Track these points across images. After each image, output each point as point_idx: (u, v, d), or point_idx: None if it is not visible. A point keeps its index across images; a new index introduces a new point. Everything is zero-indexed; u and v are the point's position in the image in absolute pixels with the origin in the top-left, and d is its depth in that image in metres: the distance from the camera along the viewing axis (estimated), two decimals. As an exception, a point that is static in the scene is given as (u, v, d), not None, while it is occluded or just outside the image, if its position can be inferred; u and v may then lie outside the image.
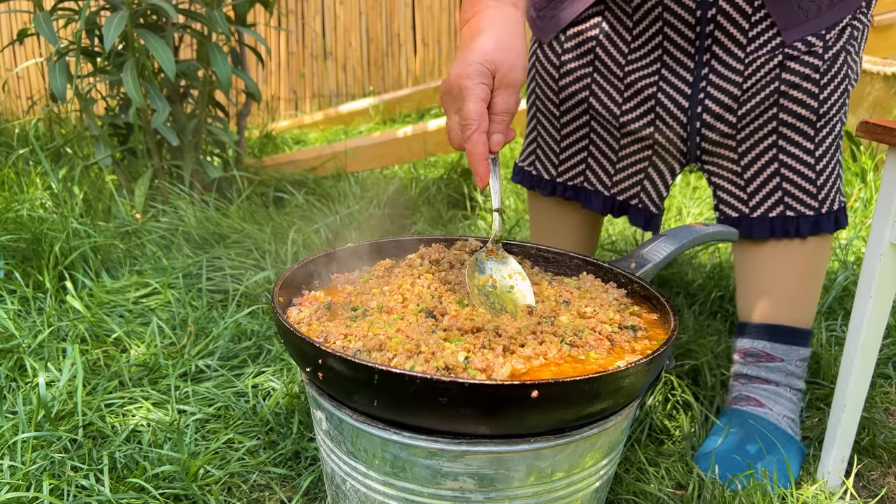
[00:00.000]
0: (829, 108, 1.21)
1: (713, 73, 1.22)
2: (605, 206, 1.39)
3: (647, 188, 1.35)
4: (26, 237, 1.69)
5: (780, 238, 1.27)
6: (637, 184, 1.35)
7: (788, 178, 1.24)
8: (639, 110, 1.28)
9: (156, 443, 1.17)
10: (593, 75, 1.30)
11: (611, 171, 1.36)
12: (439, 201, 2.33)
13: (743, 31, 1.19)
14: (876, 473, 1.23)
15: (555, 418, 0.79)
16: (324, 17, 3.91)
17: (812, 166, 1.23)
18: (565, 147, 1.39)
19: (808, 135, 1.22)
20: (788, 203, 1.25)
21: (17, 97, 3.32)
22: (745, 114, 1.22)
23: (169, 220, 1.92)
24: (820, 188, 1.24)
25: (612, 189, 1.37)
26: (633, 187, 1.36)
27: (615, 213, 1.39)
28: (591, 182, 1.39)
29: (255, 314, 1.56)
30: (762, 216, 1.27)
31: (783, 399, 1.28)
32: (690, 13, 1.18)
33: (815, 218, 1.26)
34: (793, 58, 1.18)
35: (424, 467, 0.82)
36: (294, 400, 1.29)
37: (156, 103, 1.92)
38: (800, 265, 1.28)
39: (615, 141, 1.33)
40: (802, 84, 1.19)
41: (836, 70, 1.20)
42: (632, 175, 1.35)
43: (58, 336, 1.45)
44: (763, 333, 1.30)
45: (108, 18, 1.80)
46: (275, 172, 2.46)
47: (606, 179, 1.37)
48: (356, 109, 3.69)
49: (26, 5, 2.99)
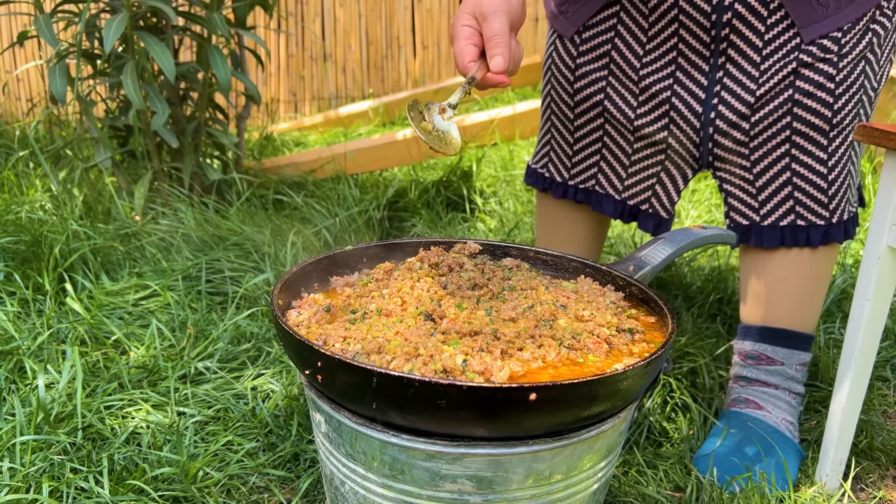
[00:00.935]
0: (843, 118, 1.20)
1: (728, 77, 1.21)
2: (617, 211, 1.38)
3: (659, 193, 1.35)
4: (26, 239, 1.70)
5: (790, 247, 1.27)
6: (649, 188, 1.35)
7: (800, 187, 1.23)
8: (653, 114, 1.28)
9: (155, 445, 1.17)
10: (608, 78, 1.30)
11: (623, 175, 1.36)
12: (438, 203, 2.33)
13: (759, 34, 1.18)
14: (874, 476, 1.24)
15: (553, 421, 0.79)
16: (323, 20, 3.92)
17: (824, 175, 1.22)
18: (578, 150, 1.39)
19: (820, 144, 1.22)
20: (799, 212, 1.24)
21: (18, 99, 3.32)
22: (758, 121, 1.21)
23: (168, 223, 1.92)
24: (832, 197, 1.24)
25: (623, 193, 1.37)
26: (645, 192, 1.36)
27: (625, 218, 1.39)
28: (602, 186, 1.38)
29: (254, 316, 1.56)
30: (773, 224, 1.26)
31: (782, 402, 1.28)
32: (705, 16, 1.18)
33: (825, 227, 1.25)
34: (807, 65, 1.18)
35: (423, 469, 0.83)
36: (293, 402, 1.29)
37: (155, 105, 1.92)
38: (806, 272, 1.27)
39: (628, 145, 1.33)
40: (816, 93, 1.19)
41: (852, 79, 1.19)
42: (644, 180, 1.35)
43: (57, 338, 1.45)
44: (764, 336, 1.30)
45: (108, 21, 1.80)
46: (274, 175, 2.46)
47: (618, 183, 1.37)
48: (356, 112, 3.70)
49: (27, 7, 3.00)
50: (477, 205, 2.35)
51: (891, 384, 1.48)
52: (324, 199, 2.22)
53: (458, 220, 2.24)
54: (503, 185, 2.52)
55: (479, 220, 2.25)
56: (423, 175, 2.54)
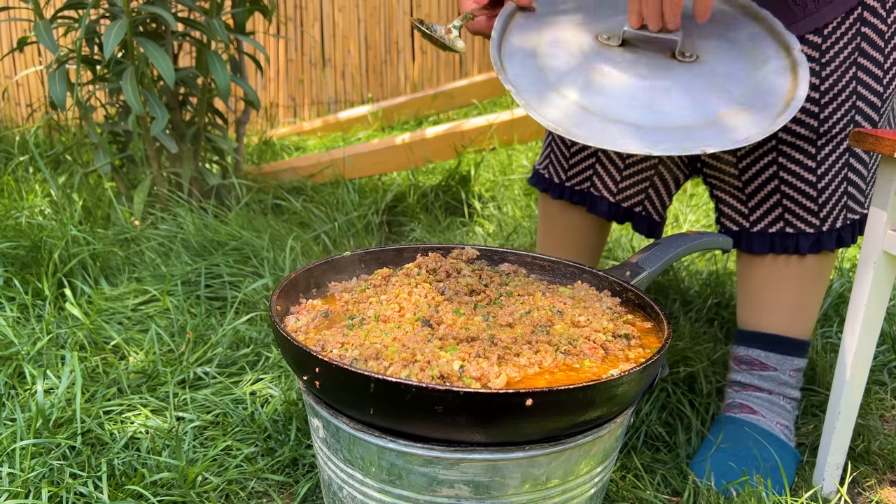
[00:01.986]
0: (832, 126, 1.19)
1: None
2: (611, 212, 1.40)
3: (652, 196, 1.37)
4: (25, 244, 1.70)
5: (778, 254, 1.27)
6: (642, 192, 1.37)
7: (788, 195, 1.23)
8: None
9: (154, 450, 1.18)
10: None
11: (617, 179, 1.37)
12: (437, 208, 2.34)
13: None
14: (871, 480, 1.24)
15: (549, 426, 0.80)
16: (322, 25, 3.93)
17: (813, 184, 1.22)
18: (575, 152, 1.40)
19: (808, 152, 1.21)
20: (788, 219, 1.24)
21: (17, 105, 3.33)
22: None
23: (168, 228, 1.92)
24: (822, 206, 1.23)
25: (617, 196, 1.39)
26: (638, 195, 1.38)
27: (620, 220, 1.41)
28: (597, 188, 1.40)
29: (253, 321, 1.56)
30: (762, 231, 1.27)
31: (776, 407, 1.28)
32: None
33: (815, 235, 1.24)
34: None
35: (420, 475, 0.83)
36: (292, 407, 1.29)
37: (155, 111, 1.93)
38: (798, 279, 1.27)
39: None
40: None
41: (841, 86, 1.17)
42: (637, 183, 1.37)
43: (57, 343, 1.46)
44: (758, 342, 1.31)
45: (108, 27, 1.81)
46: (273, 179, 2.46)
47: (612, 186, 1.38)
48: (355, 116, 3.71)
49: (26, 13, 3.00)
50: (475, 209, 2.35)
51: (888, 388, 1.49)
52: (323, 204, 2.23)
53: (456, 225, 2.25)
54: (501, 189, 2.53)
55: (477, 225, 2.25)
56: (422, 179, 2.55)
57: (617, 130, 1.03)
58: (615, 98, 1.08)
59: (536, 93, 1.08)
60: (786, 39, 1.14)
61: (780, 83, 1.10)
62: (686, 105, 1.07)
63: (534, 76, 1.10)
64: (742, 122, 1.05)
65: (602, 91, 1.09)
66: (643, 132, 1.03)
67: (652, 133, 1.03)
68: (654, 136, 1.03)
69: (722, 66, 1.12)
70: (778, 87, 1.10)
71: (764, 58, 1.13)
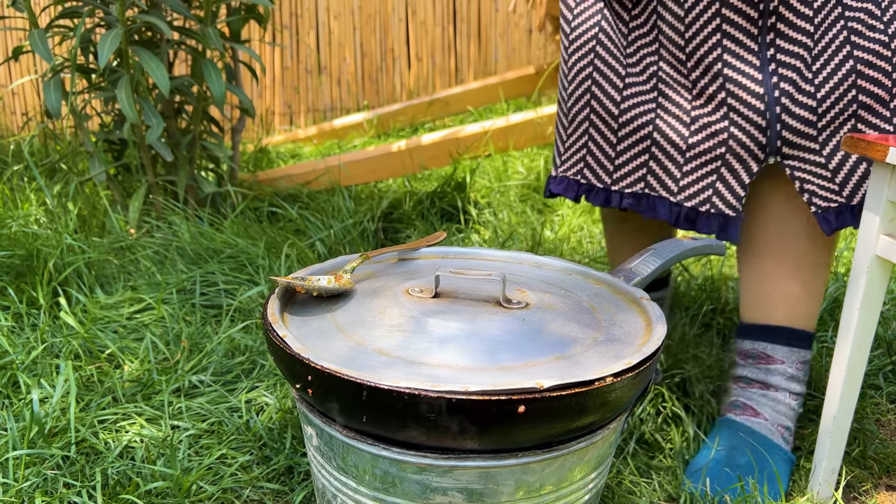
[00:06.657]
0: None
1: (780, 52, 1.16)
2: (672, 214, 1.25)
3: (720, 189, 1.22)
4: (20, 253, 1.70)
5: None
6: (709, 186, 1.22)
7: None
8: (710, 104, 1.19)
9: (149, 459, 1.18)
10: (659, 63, 1.22)
11: (677, 176, 1.23)
12: (433, 214, 2.34)
13: (807, 3, 1.14)
14: (867, 485, 1.24)
15: (542, 433, 0.80)
16: (318, 33, 3.93)
17: None
18: (624, 149, 1.26)
19: (882, 115, 1.17)
20: None
21: (12, 113, 3.33)
22: (824, 97, 1.15)
23: (163, 236, 1.92)
24: None
25: (679, 195, 1.24)
26: (705, 190, 1.22)
27: (682, 224, 1.24)
28: (653, 187, 1.25)
29: (248, 329, 1.56)
30: (861, 203, 1.19)
31: (781, 405, 1.28)
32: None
33: None
34: (858, 31, 1.13)
35: (414, 482, 0.83)
36: (287, 415, 1.29)
37: (150, 119, 1.93)
38: (802, 268, 1.27)
39: (682, 140, 1.21)
40: (874, 61, 1.13)
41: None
42: (703, 177, 1.22)
43: (51, 352, 1.46)
44: (763, 334, 1.30)
45: (103, 36, 1.81)
46: (269, 187, 2.46)
47: (672, 184, 1.23)
48: (350, 124, 3.71)
49: (22, 23, 3.01)
50: (471, 216, 2.36)
51: (883, 392, 1.49)
52: (318, 211, 2.23)
53: (452, 231, 2.25)
54: (497, 195, 2.53)
55: (473, 231, 2.26)
56: (418, 186, 2.55)
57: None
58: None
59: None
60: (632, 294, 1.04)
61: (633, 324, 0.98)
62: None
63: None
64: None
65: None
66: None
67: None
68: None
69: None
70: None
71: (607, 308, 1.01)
